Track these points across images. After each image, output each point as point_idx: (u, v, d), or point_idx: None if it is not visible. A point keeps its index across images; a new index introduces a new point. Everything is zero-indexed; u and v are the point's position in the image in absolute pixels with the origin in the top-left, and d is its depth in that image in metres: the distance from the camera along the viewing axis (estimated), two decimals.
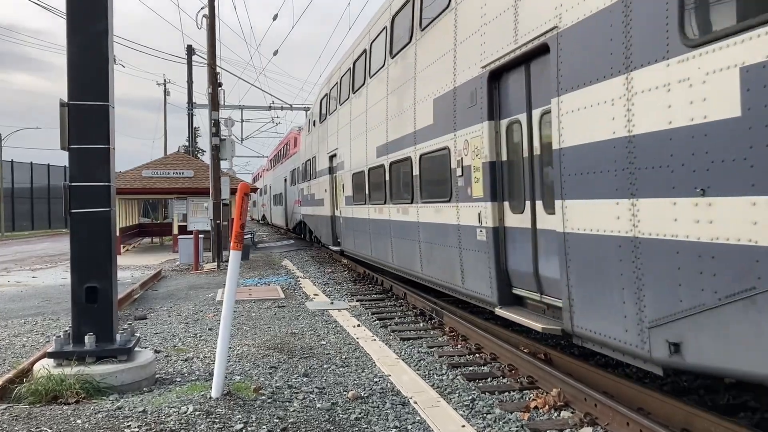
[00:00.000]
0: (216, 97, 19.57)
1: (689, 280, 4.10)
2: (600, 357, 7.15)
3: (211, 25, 19.50)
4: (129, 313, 10.62)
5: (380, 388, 6.04)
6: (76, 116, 6.15)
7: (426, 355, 7.46)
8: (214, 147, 19.30)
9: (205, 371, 6.63)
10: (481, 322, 8.50)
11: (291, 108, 43.90)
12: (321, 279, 15.45)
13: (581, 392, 5.45)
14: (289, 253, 23.94)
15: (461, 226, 7.83)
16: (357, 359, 7.24)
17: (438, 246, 8.78)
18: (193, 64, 34.93)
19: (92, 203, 6.21)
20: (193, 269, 17.91)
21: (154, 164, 26.43)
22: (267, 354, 7.48)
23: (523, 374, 6.46)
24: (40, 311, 11.27)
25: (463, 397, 5.84)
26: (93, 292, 6.19)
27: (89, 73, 6.19)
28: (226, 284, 5.64)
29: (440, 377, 6.55)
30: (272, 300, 11.79)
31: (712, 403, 5.58)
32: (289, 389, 5.96)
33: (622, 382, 5.56)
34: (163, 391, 5.91)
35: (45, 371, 5.79)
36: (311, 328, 9.10)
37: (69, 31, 6.13)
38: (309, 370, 6.71)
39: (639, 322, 4.60)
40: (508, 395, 5.97)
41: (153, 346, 8.07)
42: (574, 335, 5.55)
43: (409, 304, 10.98)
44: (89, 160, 6.20)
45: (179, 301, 12.08)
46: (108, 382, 5.84)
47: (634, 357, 4.77)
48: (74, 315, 6.21)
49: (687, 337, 4.16)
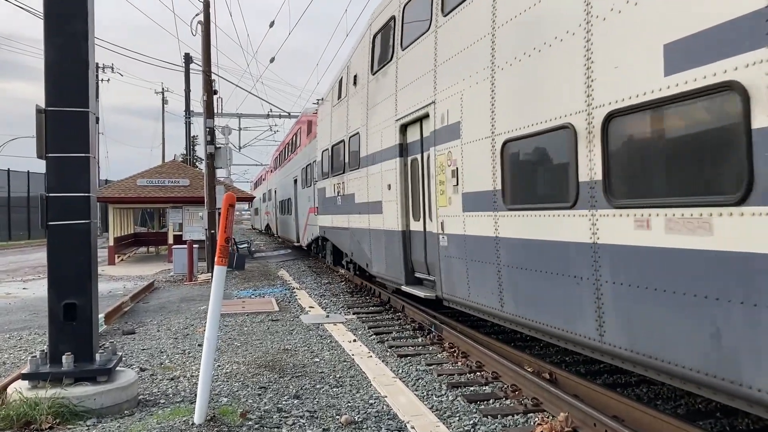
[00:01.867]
0: (211, 105, 19.28)
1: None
2: (608, 377, 6.81)
3: (206, 32, 19.22)
4: (117, 327, 10.25)
5: (375, 411, 5.68)
6: (54, 123, 5.81)
7: (424, 374, 7.10)
8: (209, 155, 18.98)
9: (190, 392, 6.27)
10: (483, 337, 8.14)
11: (289, 116, 43.65)
12: (317, 290, 15.08)
13: (590, 417, 5.09)
14: (285, 263, 23.57)
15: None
16: (352, 378, 6.88)
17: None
18: (190, 73, 34.73)
19: (71, 215, 5.86)
20: (186, 280, 17.54)
21: (150, 173, 26.08)
22: (257, 373, 7.12)
23: (527, 395, 6.10)
24: (27, 325, 10.90)
25: (464, 422, 5.48)
26: (72, 309, 5.84)
27: (68, 78, 5.86)
28: (209, 306, 5.28)
29: (439, 398, 6.19)
30: (266, 313, 11.43)
31: (731, 428, 5.23)
32: (279, 413, 5.60)
33: (633, 406, 5.20)
34: (144, 414, 5.56)
35: (18, 395, 5.43)
36: (305, 344, 8.73)
37: (46, 33, 5.80)
38: (301, 391, 6.35)
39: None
40: (511, 419, 5.60)
41: (139, 363, 7.71)
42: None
43: (407, 318, 10.62)
44: (68, 170, 5.86)
45: (170, 314, 11.71)
46: (86, 405, 5.50)
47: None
48: (51, 333, 5.85)
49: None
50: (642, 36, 4.52)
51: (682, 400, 5.89)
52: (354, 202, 12.97)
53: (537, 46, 5.90)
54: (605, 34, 4.94)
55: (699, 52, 3.98)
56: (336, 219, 14.96)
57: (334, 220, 15.25)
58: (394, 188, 10.18)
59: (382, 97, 10.89)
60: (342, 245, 14.82)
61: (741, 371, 3.79)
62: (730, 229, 3.80)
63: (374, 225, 11.52)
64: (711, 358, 4.00)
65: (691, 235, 4.07)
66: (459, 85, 7.63)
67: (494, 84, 6.78)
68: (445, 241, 8.16)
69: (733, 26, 3.75)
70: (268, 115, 43.72)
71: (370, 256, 11.98)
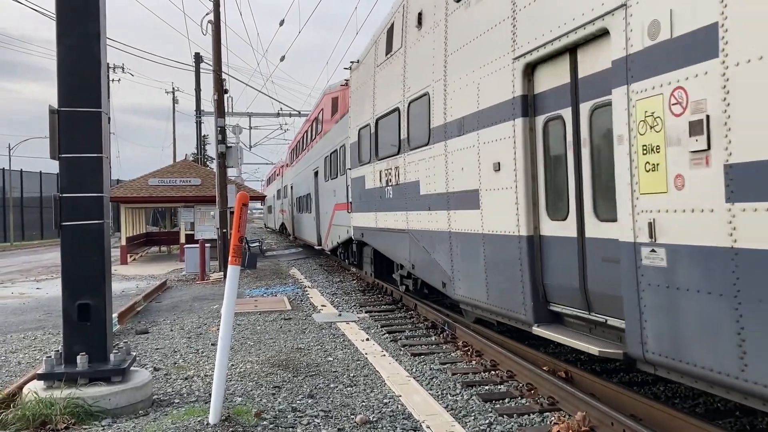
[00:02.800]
0: (222, 104, 19.31)
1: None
2: (623, 375, 6.74)
3: (216, 31, 19.25)
4: (131, 327, 10.28)
5: (390, 411, 5.65)
6: (66, 124, 5.81)
7: (439, 373, 7.06)
8: (220, 154, 19.01)
9: (205, 391, 6.26)
10: (497, 336, 8.08)
11: (299, 114, 43.77)
12: (329, 289, 15.07)
13: (608, 416, 5.03)
14: (297, 262, 23.59)
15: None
16: (366, 377, 6.85)
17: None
18: (201, 72, 34.83)
19: (84, 215, 5.87)
20: (198, 279, 17.58)
21: (161, 172, 26.18)
22: (271, 372, 7.10)
23: (543, 394, 6.04)
24: (41, 325, 10.96)
25: (480, 421, 5.43)
26: (86, 310, 5.85)
27: (81, 78, 5.86)
28: (223, 305, 5.26)
29: (454, 398, 6.14)
30: (278, 312, 11.42)
31: (751, 426, 5.15)
32: (293, 413, 5.58)
33: (652, 405, 5.14)
34: (159, 414, 5.56)
35: (34, 395, 5.44)
36: (318, 343, 8.71)
37: (59, 34, 5.80)
38: (315, 390, 6.33)
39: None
40: (527, 418, 5.55)
41: (153, 363, 7.72)
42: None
43: (420, 316, 10.57)
44: (81, 170, 5.86)
45: (183, 313, 11.74)
46: (101, 406, 5.49)
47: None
48: (66, 334, 5.87)
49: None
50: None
51: (701, 398, 5.81)
52: (418, 193, 9.42)
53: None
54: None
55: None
56: (383, 217, 11.41)
57: (379, 218, 11.69)
58: (509, 168, 6.71)
59: (478, 28, 7.38)
60: (393, 253, 11.26)
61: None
62: None
63: (461, 226, 7.95)
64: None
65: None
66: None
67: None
68: (657, 258, 4.71)
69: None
70: (278, 113, 43.85)
71: (452, 271, 8.33)
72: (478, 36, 7.39)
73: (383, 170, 11.24)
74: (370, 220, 12.37)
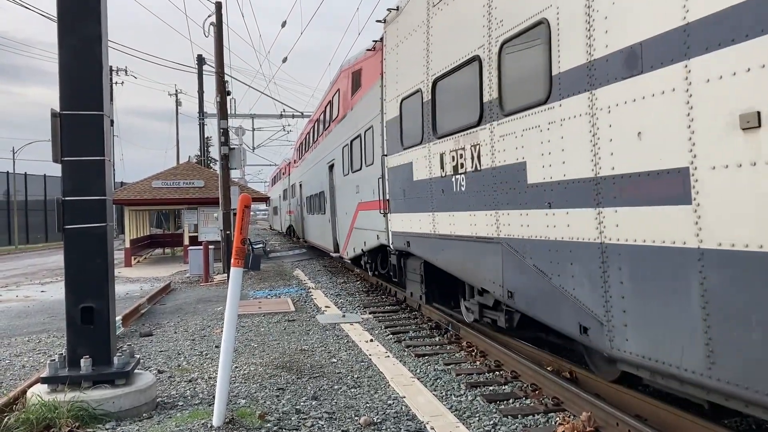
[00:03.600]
0: (224, 106, 19.32)
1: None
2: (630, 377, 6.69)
3: (218, 33, 19.26)
4: (135, 330, 10.29)
5: (394, 412, 5.63)
6: (69, 127, 5.81)
7: (443, 374, 7.04)
8: (224, 156, 19.03)
9: (208, 394, 6.25)
10: (501, 336, 8.06)
11: (302, 116, 43.65)
12: (333, 290, 15.06)
13: (613, 416, 5.01)
14: (301, 263, 23.59)
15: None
16: (369, 378, 6.84)
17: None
18: (203, 74, 34.84)
19: (87, 218, 5.86)
20: (202, 281, 17.60)
21: (164, 174, 26.21)
22: (275, 374, 7.09)
23: (548, 395, 6.02)
24: (45, 328, 10.97)
25: (484, 422, 5.41)
26: (89, 313, 5.84)
27: (82, 81, 5.86)
28: (226, 307, 5.25)
29: (458, 398, 6.13)
30: (282, 313, 11.41)
31: (757, 426, 5.12)
32: (297, 414, 5.57)
33: (657, 405, 5.12)
34: (163, 417, 5.55)
35: (38, 398, 5.44)
36: (322, 344, 8.70)
37: (60, 36, 5.80)
38: (319, 392, 6.32)
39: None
40: (532, 419, 5.53)
41: (157, 365, 7.72)
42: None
43: (423, 317, 10.56)
44: (83, 173, 5.86)
45: (187, 315, 11.74)
46: (105, 409, 5.49)
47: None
48: (69, 337, 5.86)
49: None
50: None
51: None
52: (522, 181, 6.09)
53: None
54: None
55: None
56: (446, 219, 8.12)
57: (439, 220, 8.39)
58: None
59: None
60: (466, 271, 7.82)
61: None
62: None
63: (637, 234, 4.50)
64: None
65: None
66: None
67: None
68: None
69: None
70: (281, 115, 43.75)
71: (607, 310, 4.87)
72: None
73: (448, 152, 7.97)
74: (423, 224, 9.03)
